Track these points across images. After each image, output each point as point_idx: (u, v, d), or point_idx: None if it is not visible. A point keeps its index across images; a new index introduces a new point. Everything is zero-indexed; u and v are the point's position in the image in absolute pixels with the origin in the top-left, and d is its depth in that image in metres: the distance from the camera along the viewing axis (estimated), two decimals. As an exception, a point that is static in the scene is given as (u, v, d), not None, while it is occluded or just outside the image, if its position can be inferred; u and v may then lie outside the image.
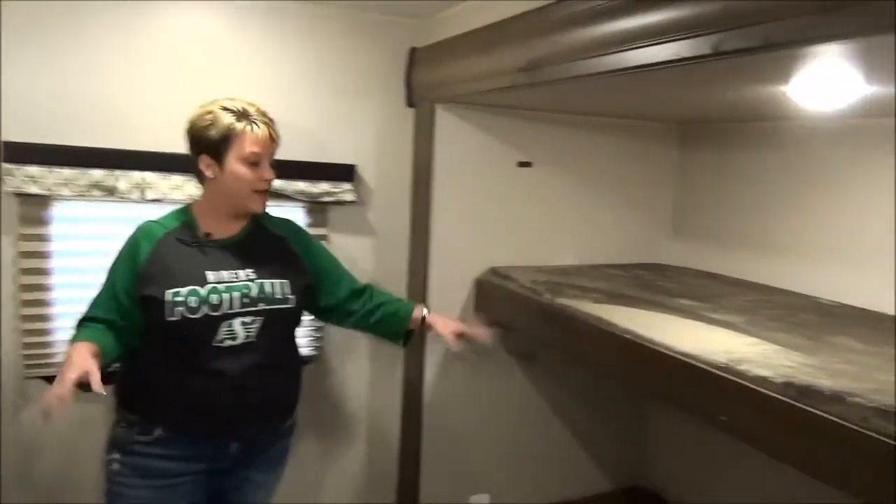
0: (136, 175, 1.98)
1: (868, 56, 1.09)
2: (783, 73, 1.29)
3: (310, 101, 2.21)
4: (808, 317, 1.73)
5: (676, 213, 2.60)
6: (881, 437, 1.02)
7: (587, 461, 2.60)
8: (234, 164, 1.54)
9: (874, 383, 1.17)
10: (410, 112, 2.32)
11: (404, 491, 2.41)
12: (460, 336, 1.83)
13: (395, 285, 2.35)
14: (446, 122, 2.19)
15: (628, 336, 1.56)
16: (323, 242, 2.25)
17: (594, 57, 1.35)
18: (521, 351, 2.36)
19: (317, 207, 2.27)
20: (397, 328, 1.85)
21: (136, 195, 1.98)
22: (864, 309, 1.84)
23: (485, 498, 2.41)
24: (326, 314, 1.86)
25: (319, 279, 1.78)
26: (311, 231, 2.24)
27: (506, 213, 2.31)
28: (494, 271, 2.23)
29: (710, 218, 2.46)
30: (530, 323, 2.02)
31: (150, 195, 1.99)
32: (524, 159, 2.31)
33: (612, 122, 2.44)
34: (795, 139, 2.12)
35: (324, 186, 2.21)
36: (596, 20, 1.38)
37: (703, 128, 2.48)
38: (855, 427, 1.06)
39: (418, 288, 2.27)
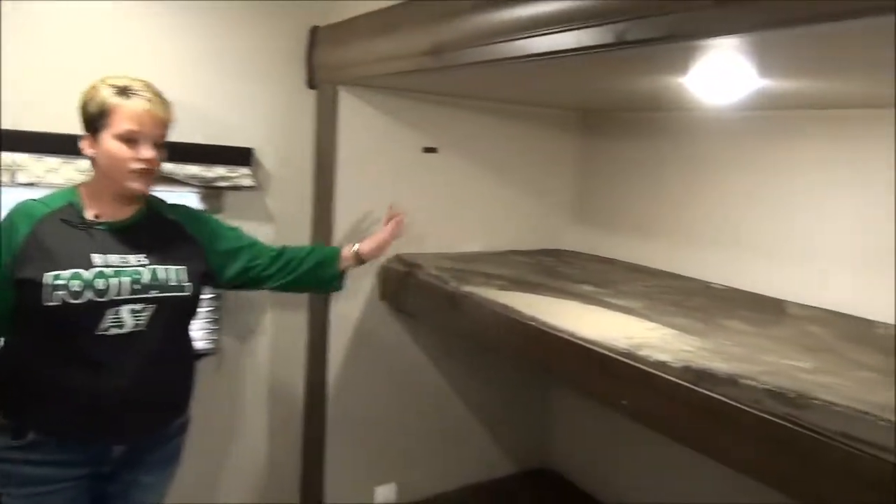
0: (6, 157, 1.80)
1: (761, 50, 1.13)
2: (682, 65, 1.32)
3: (204, 80, 2.08)
4: (701, 301, 1.81)
5: (577, 199, 2.65)
6: (772, 418, 1.07)
7: (492, 445, 2.63)
8: (109, 142, 1.44)
9: (764, 365, 1.23)
10: (312, 94, 2.23)
11: (308, 485, 2.35)
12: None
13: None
14: (349, 105, 2.12)
15: (533, 323, 1.57)
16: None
17: (500, 42, 1.33)
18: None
19: (212, 193, 2.14)
20: (330, 272, 1.86)
21: (5, 178, 1.80)
22: (750, 292, 1.94)
23: (391, 488, 2.39)
24: (251, 285, 1.80)
25: (232, 257, 1.70)
26: (206, 218, 2.13)
27: (411, 199, 2.26)
28: (399, 259, 2.20)
29: (608, 205, 2.52)
30: (436, 310, 2.00)
31: (21, 178, 1.82)
32: (430, 145, 2.28)
33: (516, 108, 2.45)
34: (691, 130, 2.20)
35: (219, 171, 2.09)
36: (502, 5, 1.36)
37: (602, 116, 2.54)
38: (748, 409, 1.11)
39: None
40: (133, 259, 1.49)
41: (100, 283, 1.43)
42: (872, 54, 1.07)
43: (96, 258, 1.45)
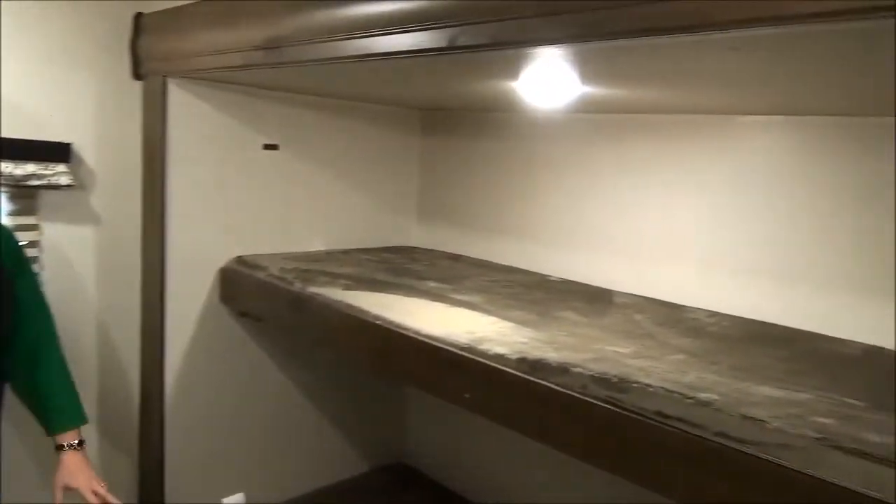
0: None
1: (579, 60, 1.20)
2: (512, 70, 1.37)
3: (12, 67, 1.87)
4: (539, 294, 1.90)
5: (423, 196, 2.69)
6: (597, 403, 1.15)
7: (346, 444, 2.61)
8: None
9: (591, 353, 1.31)
10: (139, 86, 2.08)
11: (147, 501, 2.20)
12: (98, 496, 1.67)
13: (128, 278, 2.13)
14: (181, 100, 2.00)
15: (379, 322, 1.57)
16: (35, 233, 1.96)
17: (335, 41, 1.31)
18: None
19: (24, 192, 1.94)
20: (46, 430, 1.68)
21: None
22: (583, 284, 2.07)
23: (239, 498, 2.30)
24: None
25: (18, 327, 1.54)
26: (18, 220, 1.94)
27: (252, 198, 2.19)
28: (241, 260, 2.11)
29: (453, 201, 2.58)
30: (280, 313, 1.94)
31: None
32: (270, 142, 2.21)
33: (358, 106, 2.43)
34: (527, 130, 2.30)
35: (30, 168, 1.89)
36: (338, 3, 1.34)
37: (445, 115, 2.59)
38: (577, 395, 1.18)
39: (154, 281, 2.06)
40: None
41: None
42: (683, 66, 1.18)
43: None
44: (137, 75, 2.07)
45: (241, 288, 2.08)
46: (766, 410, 1.03)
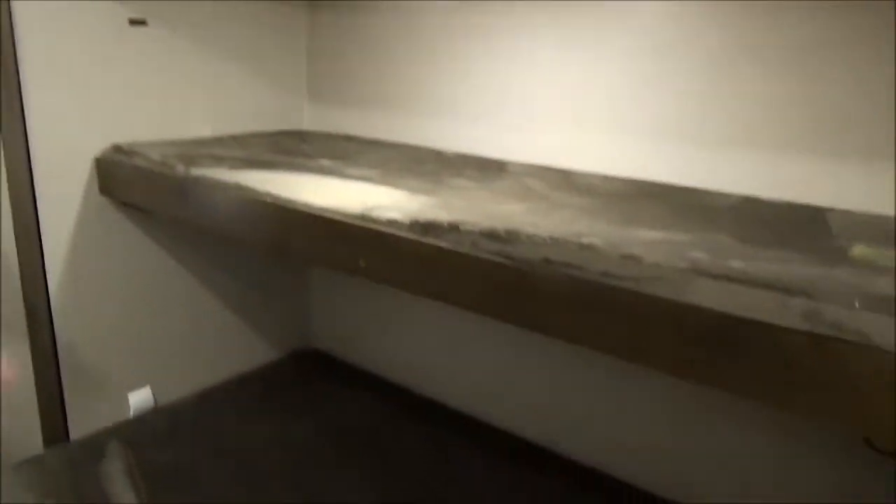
0: None
1: None
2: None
3: None
4: (432, 166, 1.89)
5: (311, 78, 2.57)
6: (488, 257, 1.17)
7: (253, 333, 2.60)
8: None
9: (483, 213, 1.33)
10: (-27, -46, 1.83)
11: (48, 412, 2.13)
12: None
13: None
14: (24, -33, 1.78)
15: (269, 200, 1.52)
16: None
17: None
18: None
19: None
20: None
21: None
22: (477, 156, 2.07)
23: (146, 392, 2.27)
24: None
25: None
26: None
27: (124, 81, 2.02)
28: (118, 148, 1.97)
29: (345, 81, 2.48)
30: (165, 199, 1.85)
31: None
32: (136, 16, 2.01)
33: (235, -23, 2.25)
34: (414, 2, 2.20)
35: None
36: None
37: (329, -14, 2.44)
38: (468, 252, 1.20)
39: (22, 179, 1.90)
40: None
41: None
42: None
43: None
44: (-32, -59, 1.81)
45: (120, 177, 1.95)
46: (644, 249, 1.08)
